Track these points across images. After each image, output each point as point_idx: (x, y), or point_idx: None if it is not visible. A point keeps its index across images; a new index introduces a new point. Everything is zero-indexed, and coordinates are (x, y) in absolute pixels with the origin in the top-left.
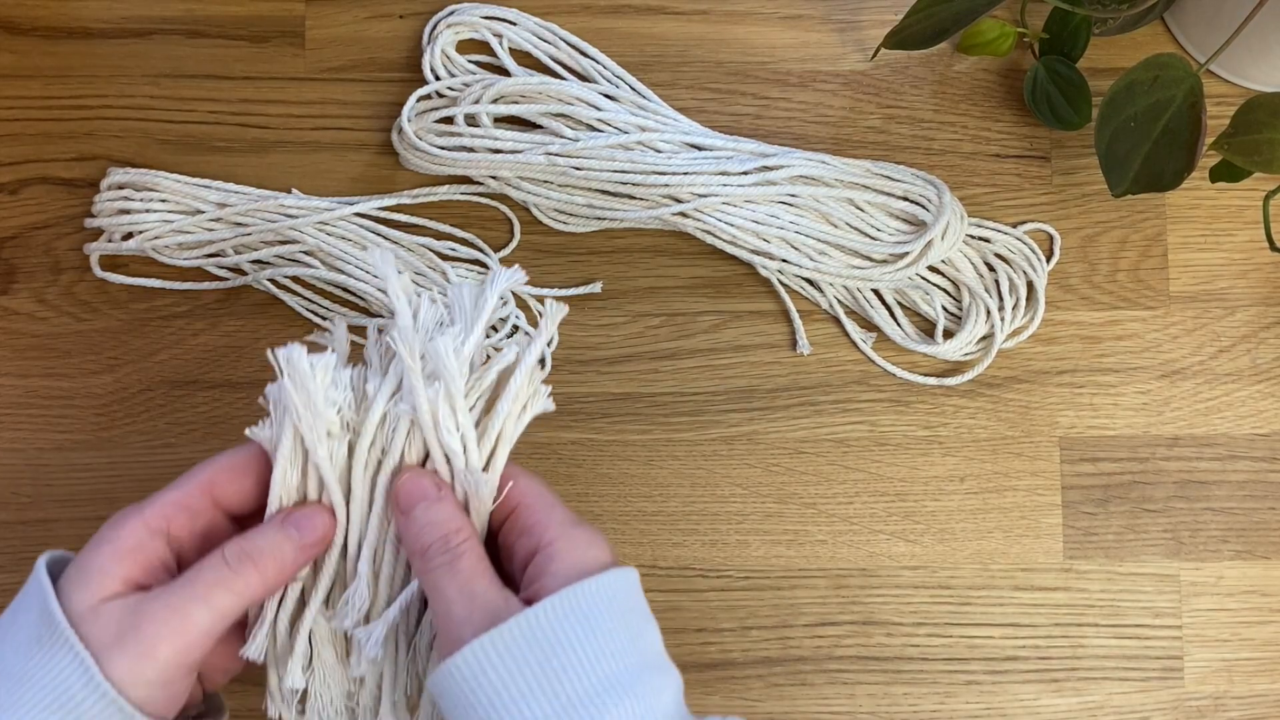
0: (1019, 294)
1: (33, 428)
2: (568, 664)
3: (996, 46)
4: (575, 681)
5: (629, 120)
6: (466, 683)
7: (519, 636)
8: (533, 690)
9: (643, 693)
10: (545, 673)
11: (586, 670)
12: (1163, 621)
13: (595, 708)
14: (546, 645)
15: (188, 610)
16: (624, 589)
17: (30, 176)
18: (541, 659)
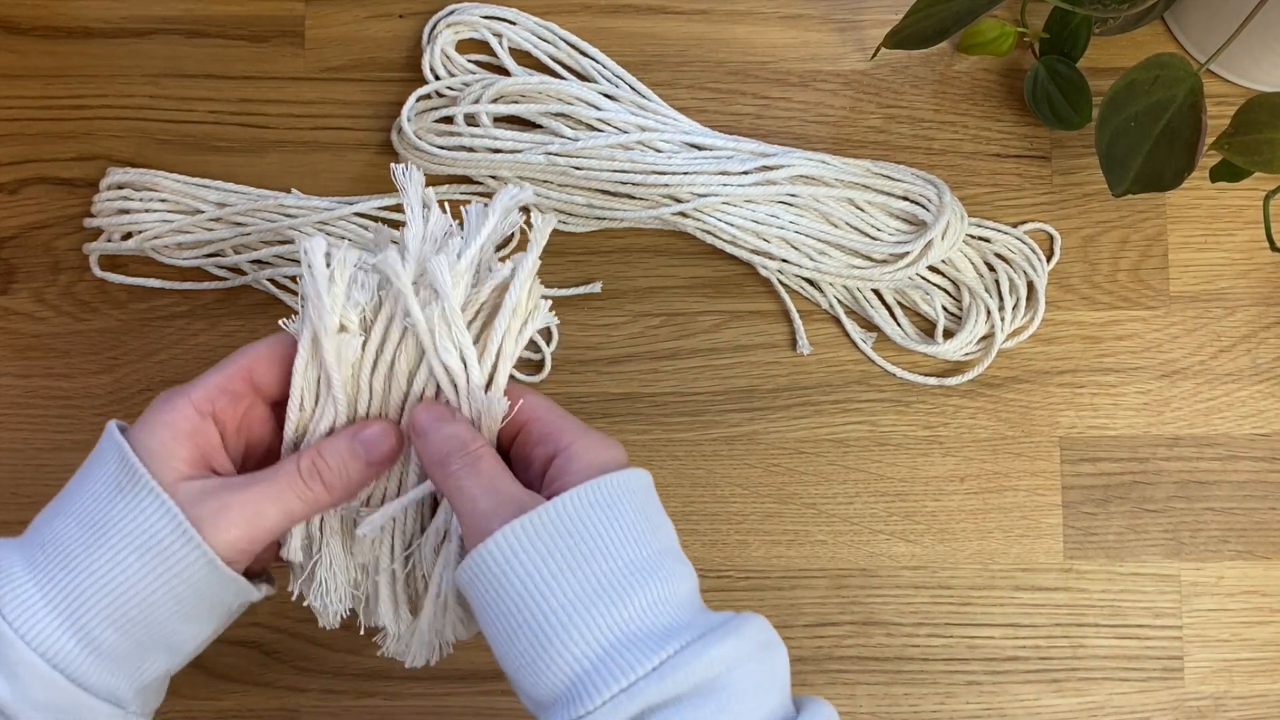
0: (1019, 294)
1: (33, 428)
2: (595, 549)
3: (997, 46)
4: (602, 564)
5: (629, 120)
6: (499, 566)
7: (547, 523)
8: (563, 572)
9: (665, 577)
10: (574, 556)
11: (612, 555)
12: (1163, 622)
13: (622, 588)
14: (574, 532)
15: (263, 508)
16: (642, 486)
17: (30, 176)
18: (570, 544)
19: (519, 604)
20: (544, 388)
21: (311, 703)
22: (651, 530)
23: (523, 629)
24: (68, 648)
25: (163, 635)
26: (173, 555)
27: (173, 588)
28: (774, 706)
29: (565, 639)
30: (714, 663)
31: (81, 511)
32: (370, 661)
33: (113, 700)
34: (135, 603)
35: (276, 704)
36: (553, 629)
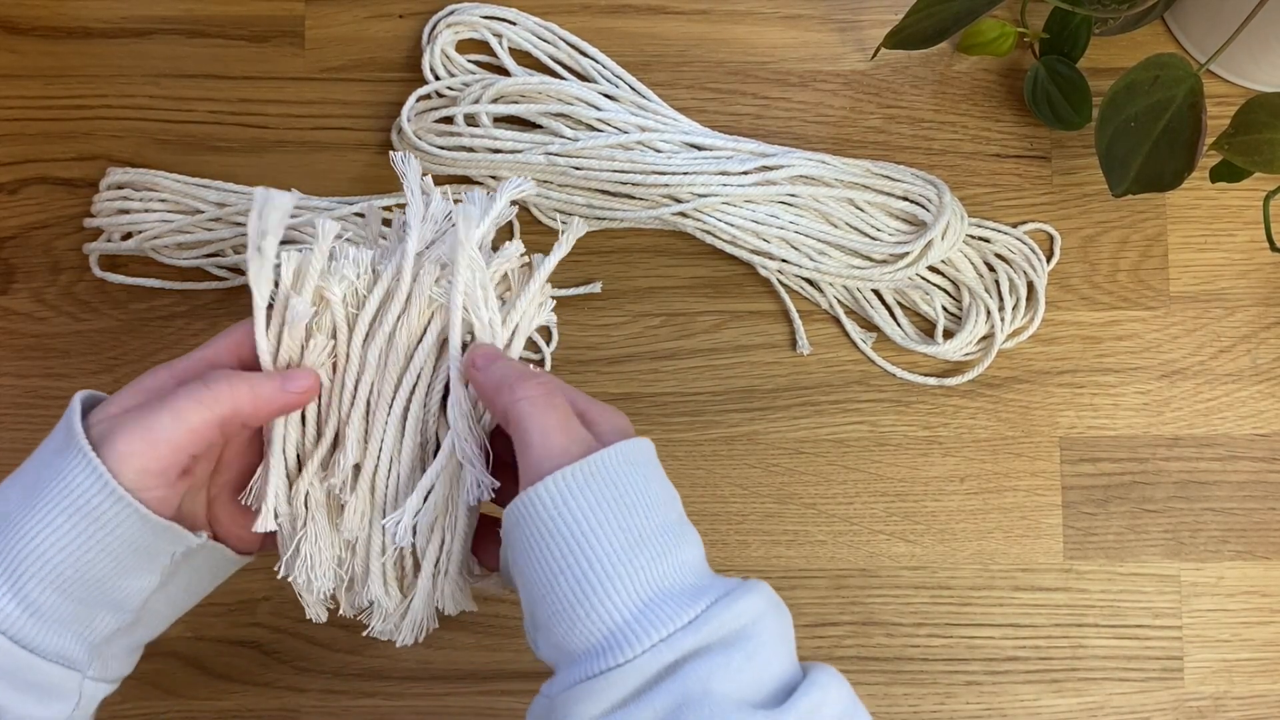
0: (1019, 294)
1: (33, 428)
2: (636, 504)
3: (997, 46)
4: (643, 520)
5: (629, 120)
6: (554, 507)
7: (601, 471)
8: (611, 522)
9: (690, 540)
10: (620, 509)
11: (650, 513)
12: (1163, 622)
13: (660, 545)
14: (620, 484)
15: (154, 420)
16: (654, 453)
17: (30, 176)
18: (616, 496)
19: (567, 548)
20: None
21: (311, 703)
22: (672, 496)
23: (566, 574)
24: (8, 610)
25: (105, 592)
26: (102, 515)
27: (107, 545)
28: (788, 661)
29: (609, 588)
30: (741, 614)
31: (25, 475)
32: (370, 661)
33: (63, 661)
34: (71, 563)
35: (276, 704)
36: (597, 577)
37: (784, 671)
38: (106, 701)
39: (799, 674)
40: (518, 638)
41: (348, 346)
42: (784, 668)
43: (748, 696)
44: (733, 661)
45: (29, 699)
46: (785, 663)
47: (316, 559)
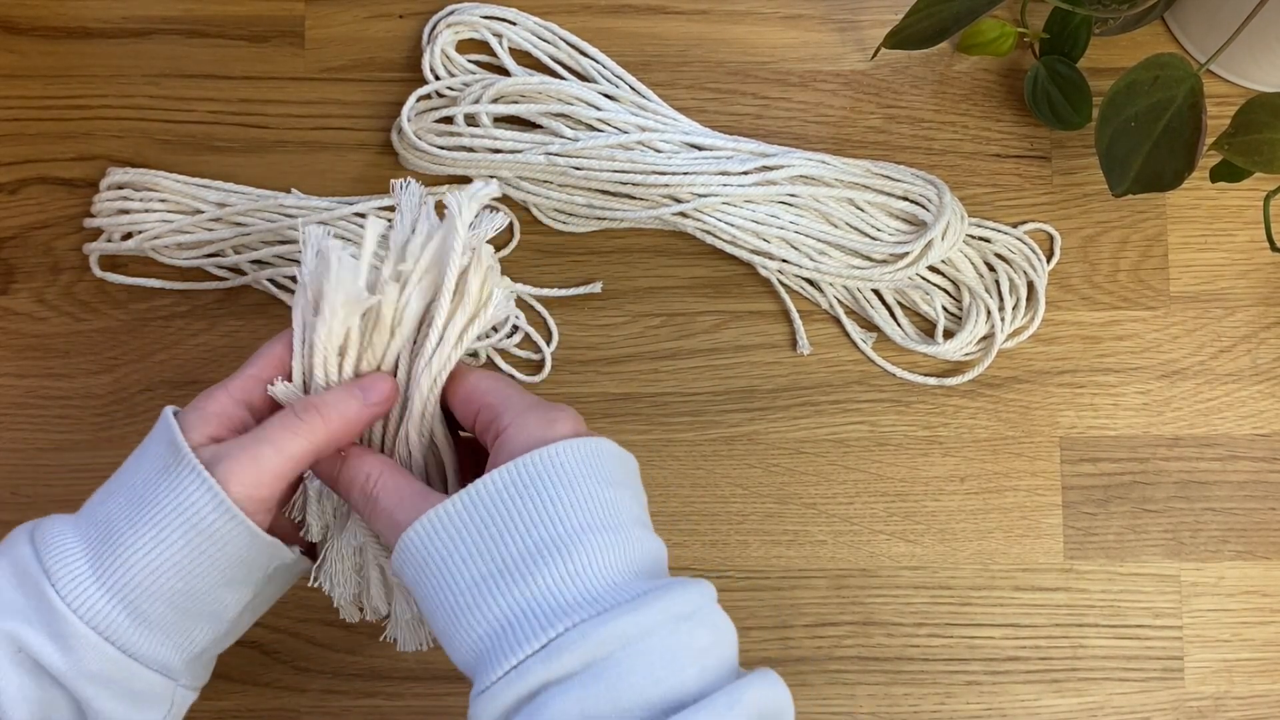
0: (1019, 294)
1: (32, 428)
2: (501, 531)
3: (997, 46)
4: (508, 545)
5: (629, 120)
6: (417, 554)
7: (455, 512)
8: (470, 556)
9: (579, 551)
10: (480, 540)
11: (519, 535)
12: (1163, 622)
13: (526, 567)
14: (483, 517)
15: (259, 450)
16: (573, 459)
17: (30, 176)
18: (480, 528)
19: (435, 586)
20: (544, 388)
21: (311, 703)
22: (577, 503)
23: (439, 609)
24: (118, 620)
25: (207, 604)
26: (216, 532)
27: (215, 560)
28: (685, 681)
29: (469, 618)
30: (605, 641)
31: (130, 490)
32: (370, 661)
33: (163, 671)
34: (181, 575)
35: (276, 704)
36: (461, 609)
37: (676, 692)
38: None
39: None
40: None
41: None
42: (677, 688)
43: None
44: (591, 693)
45: (127, 705)
46: (676, 683)
47: (339, 567)
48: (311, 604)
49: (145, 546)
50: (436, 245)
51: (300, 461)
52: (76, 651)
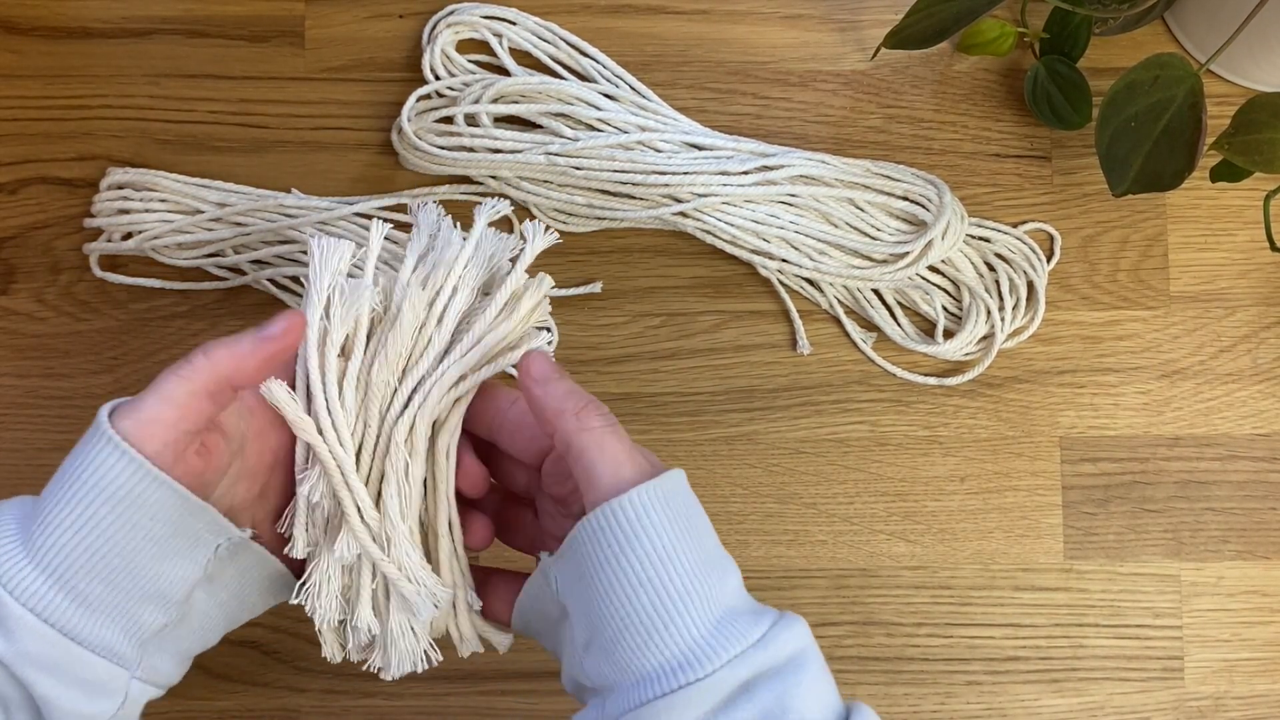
0: (1019, 294)
1: (33, 428)
2: (701, 528)
3: (997, 46)
4: (708, 541)
5: (629, 120)
6: (631, 524)
7: (672, 493)
8: (685, 541)
9: (734, 566)
10: (690, 529)
11: (710, 536)
12: (1163, 622)
13: (723, 568)
14: (687, 507)
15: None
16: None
17: (30, 176)
18: (686, 517)
19: (648, 562)
20: None
21: (311, 703)
22: (708, 523)
23: (645, 589)
24: (55, 601)
25: (147, 580)
26: (134, 493)
27: (138, 524)
28: (835, 689)
29: (687, 605)
30: (798, 638)
31: (63, 470)
32: None
33: (111, 657)
34: (111, 546)
35: (276, 704)
36: (677, 593)
37: (836, 699)
38: None
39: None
40: (518, 638)
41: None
42: (835, 695)
43: (817, 717)
44: (802, 682)
45: (76, 693)
46: (835, 691)
47: (324, 588)
48: None
49: (68, 521)
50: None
51: (190, 405)
52: (15, 634)
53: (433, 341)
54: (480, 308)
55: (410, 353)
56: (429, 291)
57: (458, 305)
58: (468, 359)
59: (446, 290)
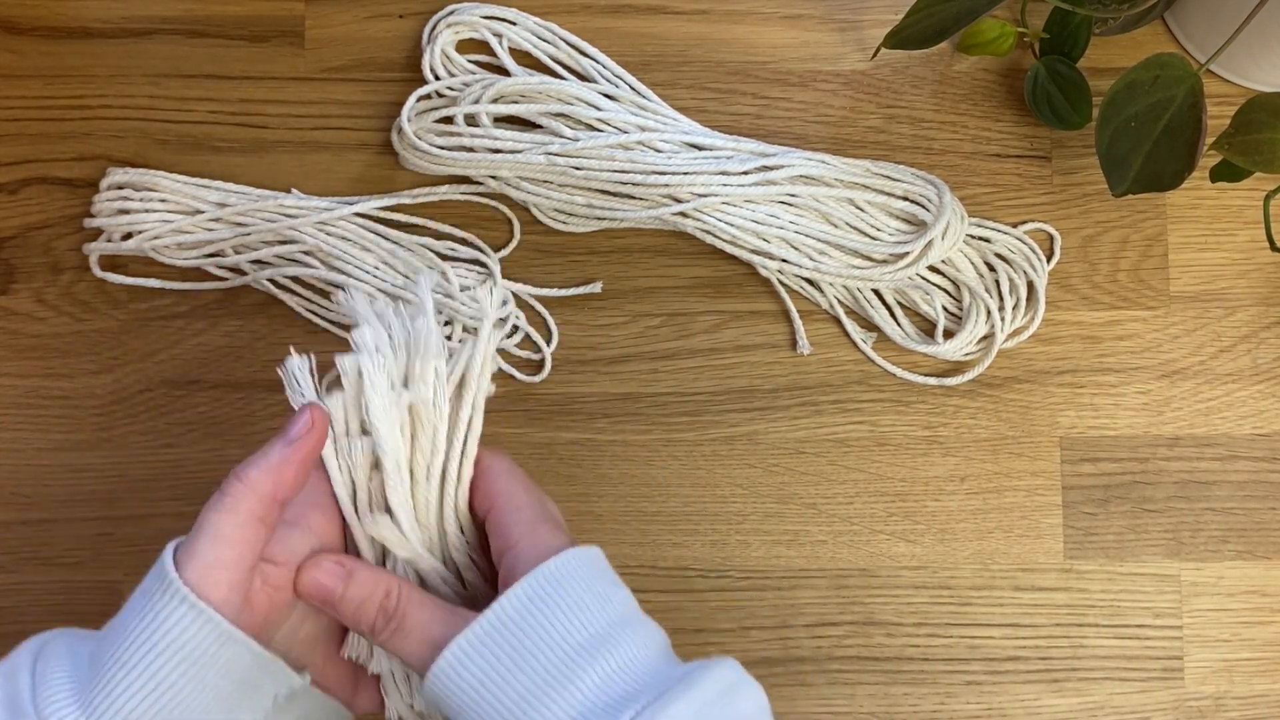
0: (1019, 294)
1: (33, 428)
2: (538, 641)
3: (997, 46)
4: (548, 654)
5: (629, 120)
6: (452, 682)
7: (485, 632)
8: (510, 671)
9: (618, 646)
10: (518, 654)
11: (556, 643)
12: (1163, 621)
13: (571, 671)
14: (515, 631)
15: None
16: (582, 564)
17: (30, 176)
18: (513, 644)
19: (485, 707)
20: (544, 388)
21: None
22: (598, 605)
23: None
24: None
25: None
26: (210, 654)
27: (215, 686)
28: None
29: None
30: (677, 716)
31: (126, 624)
32: None
33: None
34: (181, 713)
35: None
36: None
37: None
38: None
39: None
40: None
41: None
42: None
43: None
44: None
45: None
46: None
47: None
48: None
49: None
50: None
51: (244, 538)
52: None
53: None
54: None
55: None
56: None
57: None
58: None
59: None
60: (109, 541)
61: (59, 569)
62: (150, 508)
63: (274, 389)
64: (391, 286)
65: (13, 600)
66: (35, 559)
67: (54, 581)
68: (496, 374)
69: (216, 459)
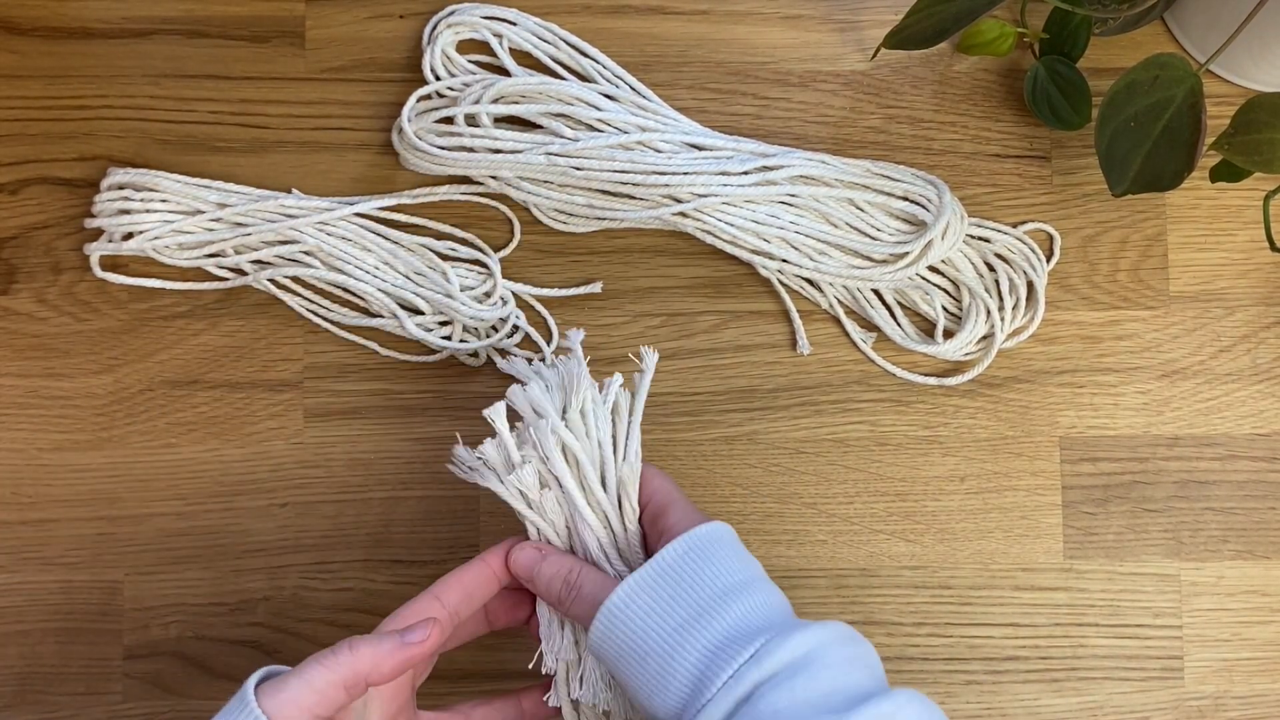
0: (1019, 294)
1: (33, 428)
2: (690, 584)
3: (996, 46)
4: (698, 593)
5: (629, 120)
6: (616, 619)
7: (645, 577)
8: (667, 606)
9: (753, 593)
10: (674, 592)
11: (705, 585)
12: (1163, 621)
13: (718, 606)
14: (670, 576)
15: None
16: (725, 532)
17: (30, 176)
18: (670, 585)
19: (638, 640)
20: None
21: None
22: (739, 562)
23: (647, 658)
24: None
25: None
26: None
27: None
28: (862, 680)
29: (681, 654)
30: (801, 644)
31: None
32: None
33: None
34: None
35: None
36: (669, 648)
37: (859, 688)
38: (107, 701)
39: (881, 689)
40: (518, 637)
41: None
42: (859, 685)
43: (817, 706)
44: (797, 684)
45: None
46: (860, 681)
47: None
48: (311, 604)
49: None
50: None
51: (327, 694)
52: None
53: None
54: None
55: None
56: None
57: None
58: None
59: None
60: (109, 541)
61: (59, 569)
62: (150, 508)
63: (274, 389)
64: (392, 286)
65: (13, 600)
66: (35, 559)
67: (54, 581)
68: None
69: (216, 459)
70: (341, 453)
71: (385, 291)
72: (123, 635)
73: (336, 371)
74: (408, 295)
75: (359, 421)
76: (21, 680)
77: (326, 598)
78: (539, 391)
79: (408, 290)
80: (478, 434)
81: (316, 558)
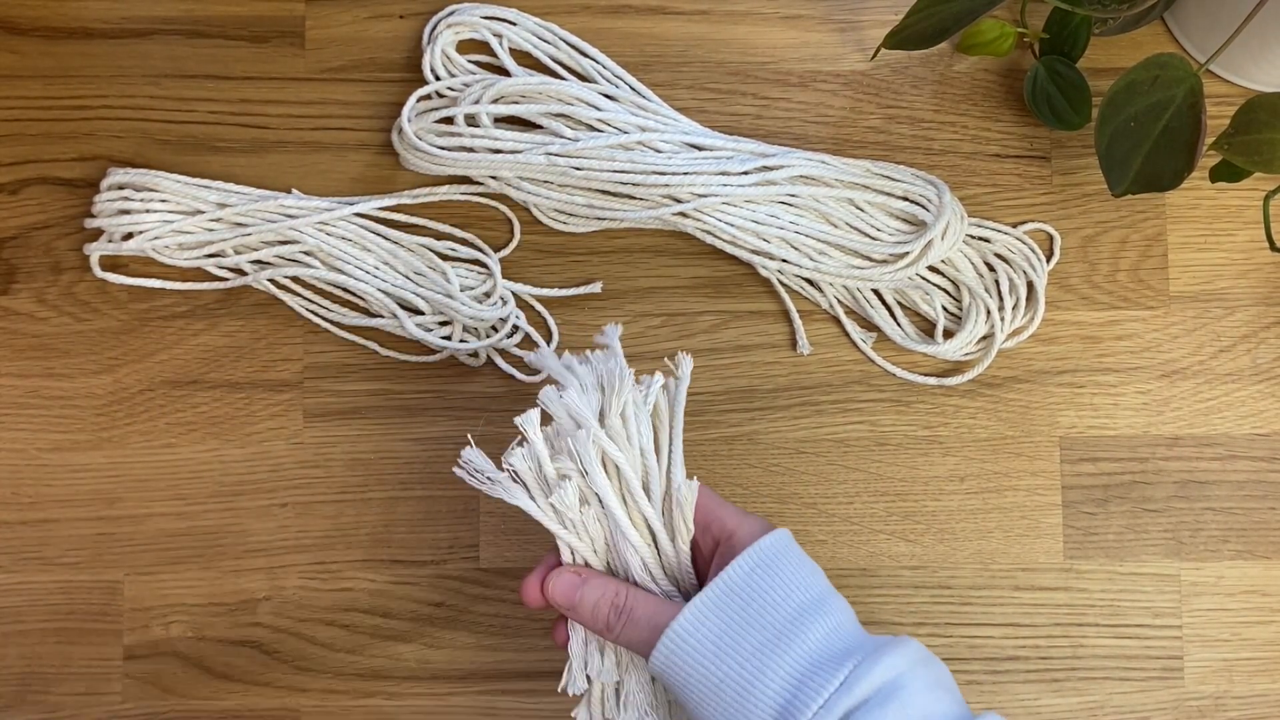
0: (1019, 294)
1: (33, 428)
2: (765, 604)
3: (996, 46)
4: (775, 614)
5: (629, 120)
6: (683, 644)
7: (715, 597)
8: (742, 630)
9: (829, 611)
10: (747, 614)
11: (781, 605)
12: (1163, 621)
13: (797, 629)
14: (742, 596)
15: None
16: (790, 541)
17: (30, 176)
18: (741, 606)
19: (710, 667)
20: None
21: (311, 703)
22: (811, 573)
23: (723, 687)
24: None
25: None
26: None
27: None
28: (949, 707)
29: (762, 683)
30: (889, 669)
31: None
32: (370, 661)
33: None
34: None
35: (276, 704)
36: (748, 675)
37: (948, 715)
38: (107, 701)
39: (969, 716)
40: (519, 637)
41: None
42: (947, 712)
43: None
44: (889, 711)
45: None
46: (948, 708)
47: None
48: (311, 604)
49: None
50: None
51: None
52: None
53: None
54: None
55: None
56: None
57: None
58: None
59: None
60: (109, 541)
61: (59, 569)
62: (150, 508)
63: (274, 389)
64: (392, 286)
65: (13, 600)
66: (35, 559)
67: (54, 581)
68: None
69: (216, 459)
70: (341, 453)
71: (385, 291)
72: (123, 635)
73: (336, 371)
74: (408, 295)
75: (359, 421)
76: (21, 680)
77: (326, 598)
78: (577, 396)
79: (408, 290)
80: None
81: (316, 558)
